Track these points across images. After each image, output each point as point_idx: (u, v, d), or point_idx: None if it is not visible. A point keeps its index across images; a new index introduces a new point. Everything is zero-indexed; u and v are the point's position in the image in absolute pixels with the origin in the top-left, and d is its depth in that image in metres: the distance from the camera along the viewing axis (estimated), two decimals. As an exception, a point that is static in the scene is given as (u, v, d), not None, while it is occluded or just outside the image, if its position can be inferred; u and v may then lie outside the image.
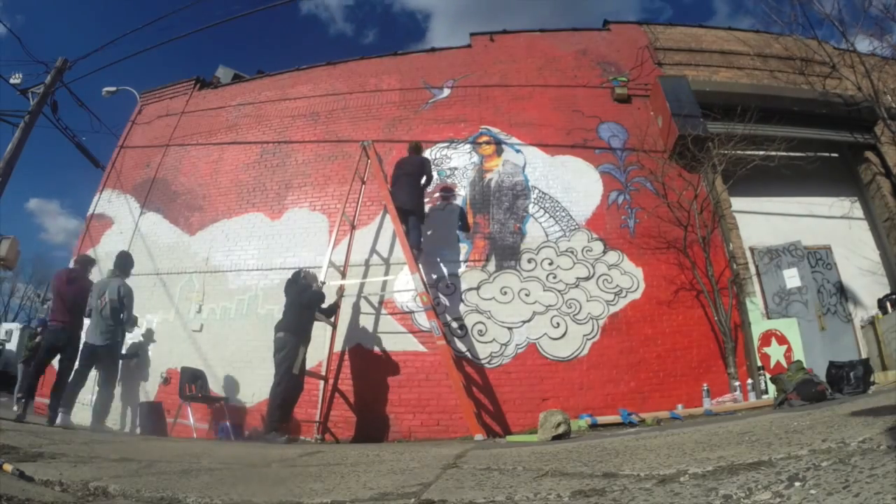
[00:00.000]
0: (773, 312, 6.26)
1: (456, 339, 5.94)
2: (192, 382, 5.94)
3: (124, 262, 5.82)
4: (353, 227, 6.66)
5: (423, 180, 6.43)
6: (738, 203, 6.75)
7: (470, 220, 6.70)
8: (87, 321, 5.42)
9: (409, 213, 6.12)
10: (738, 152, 6.20)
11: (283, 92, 8.61)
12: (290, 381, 4.93)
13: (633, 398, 5.56)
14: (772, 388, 4.93)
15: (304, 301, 5.23)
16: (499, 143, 7.21)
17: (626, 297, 6.10)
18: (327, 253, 6.28)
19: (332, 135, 7.76)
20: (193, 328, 6.74)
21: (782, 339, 5.65)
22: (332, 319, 5.93)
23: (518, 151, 7.11)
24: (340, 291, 5.99)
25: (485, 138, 7.28)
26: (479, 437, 4.66)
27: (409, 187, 6.21)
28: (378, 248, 6.67)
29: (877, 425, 1.39)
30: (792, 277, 6.39)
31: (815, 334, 6.05)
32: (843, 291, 6.60)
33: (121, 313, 5.37)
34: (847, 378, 4.61)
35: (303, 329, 5.17)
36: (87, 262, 5.96)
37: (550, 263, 6.31)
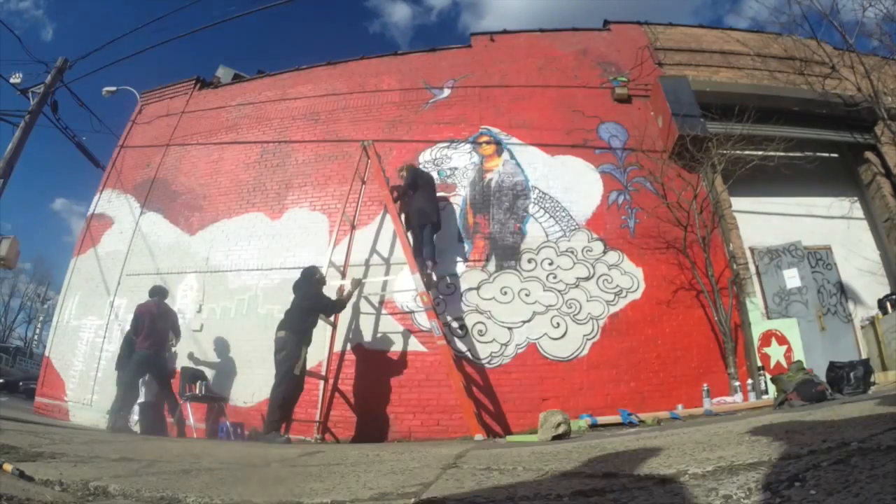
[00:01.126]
0: (774, 312, 6.26)
1: (456, 339, 5.94)
2: (192, 382, 5.94)
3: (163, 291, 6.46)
4: (353, 227, 6.66)
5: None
6: (737, 203, 6.76)
7: (470, 220, 6.70)
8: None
9: (430, 222, 6.05)
10: (738, 152, 6.20)
11: (283, 92, 8.60)
12: (290, 381, 4.93)
13: (634, 398, 5.56)
14: (772, 388, 4.93)
15: (308, 305, 5.22)
16: (499, 143, 7.21)
17: (626, 297, 6.10)
18: (327, 253, 6.28)
19: (332, 135, 7.76)
20: (193, 328, 6.74)
21: (782, 340, 5.65)
22: (333, 319, 5.93)
23: (518, 152, 7.11)
24: (340, 291, 5.93)
25: (485, 138, 7.28)
26: (479, 437, 4.66)
27: (430, 197, 6.23)
28: (378, 248, 6.67)
29: (877, 425, 1.39)
30: (792, 278, 6.38)
31: (816, 334, 6.05)
32: (843, 292, 6.60)
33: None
34: (847, 378, 4.61)
35: (305, 329, 5.16)
36: (165, 294, 6.41)
37: (550, 263, 6.31)
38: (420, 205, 6.12)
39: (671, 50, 8.05)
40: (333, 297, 5.91)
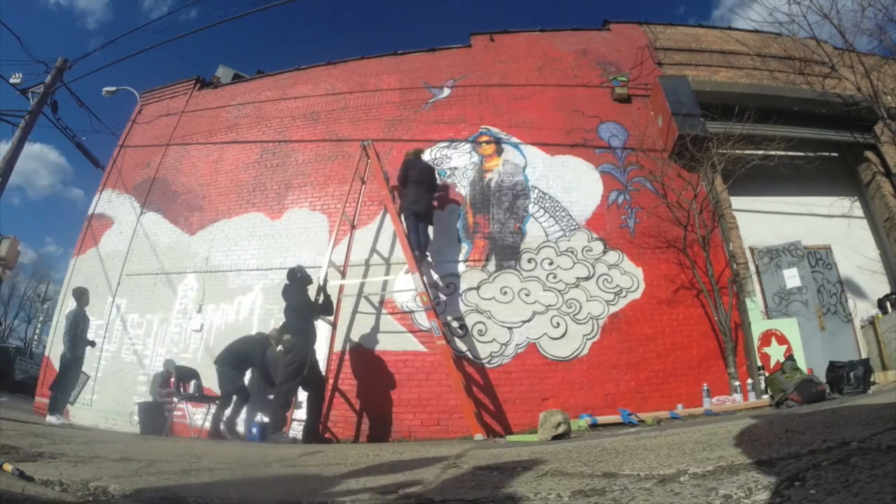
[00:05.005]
0: (773, 312, 6.26)
1: (456, 339, 5.94)
2: (185, 381, 5.94)
3: (79, 296, 6.38)
4: (353, 227, 6.66)
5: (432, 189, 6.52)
6: (737, 202, 6.75)
7: (470, 220, 6.70)
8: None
9: (421, 217, 6.15)
10: (738, 152, 6.20)
11: (283, 92, 8.60)
12: (295, 382, 4.93)
13: (633, 398, 5.56)
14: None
15: (297, 306, 5.21)
16: (499, 143, 7.21)
17: (626, 296, 6.10)
18: (327, 253, 6.28)
19: (332, 134, 7.76)
20: (193, 328, 6.74)
21: (782, 339, 5.65)
22: (332, 319, 5.93)
23: (518, 151, 7.11)
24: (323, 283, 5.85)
25: (485, 138, 7.28)
26: (479, 436, 4.66)
27: (422, 192, 6.24)
28: (378, 247, 6.67)
29: (877, 425, 1.39)
30: (792, 277, 6.38)
31: (815, 334, 6.04)
32: (843, 291, 6.60)
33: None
34: (847, 378, 4.61)
35: (306, 329, 5.15)
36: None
37: (550, 263, 6.31)
38: (413, 202, 6.15)
39: (671, 50, 8.05)
40: (327, 296, 5.91)
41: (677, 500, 1.04)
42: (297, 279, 5.45)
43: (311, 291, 5.60)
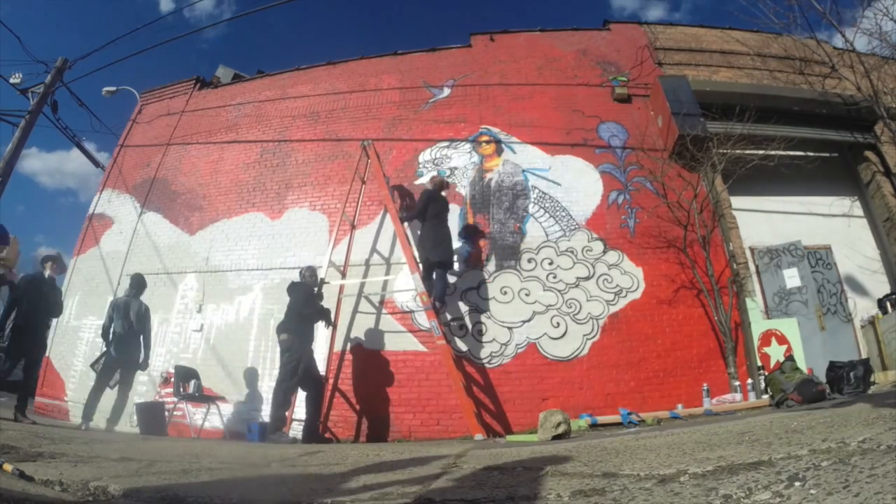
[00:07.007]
0: (773, 312, 6.26)
1: (456, 339, 5.95)
2: (185, 381, 5.94)
3: (139, 283, 6.00)
4: (353, 227, 6.66)
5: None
6: (737, 202, 6.76)
7: (470, 220, 6.70)
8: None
9: (445, 266, 5.82)
10: (738, 152, 6.20)
11: (283, 92, 8.60)
12: (293, 381, 4.95)
13: (633, 398, 5.56)
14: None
15: (304, 311, 5.23)
16: (499, 143, 7.21)
17: (626, 296, 6.10)
18: (327, 253, 6.28)
19: (332, 134, 7.75)
20: (193, 328, 6.74)
21: (782, 339, 5.65)
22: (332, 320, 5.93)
23: (518, 151, 7.11)
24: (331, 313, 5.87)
25: (485, 138, 7.28)
26: (479, 436, 4.67)
27: (446, 234, 5.92)
28: (378, 247, 6.67)
29: (877, 425, 1.39)
30: (792, 277, 6.39)
31: (815, 334, 6.05)
32: (843, 291, 6.60)
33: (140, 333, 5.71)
34: (847, 378, 4.61)
35: (304, 331, 5.18)
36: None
37: (550, 263, 6.31)
38: (436, 250, 5.75)
39: (671, 49, 8.05)
40: (334, 295, 5.92)
41: (677, 500, 1.04)
42: (303, 280, 5.48)
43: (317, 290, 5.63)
